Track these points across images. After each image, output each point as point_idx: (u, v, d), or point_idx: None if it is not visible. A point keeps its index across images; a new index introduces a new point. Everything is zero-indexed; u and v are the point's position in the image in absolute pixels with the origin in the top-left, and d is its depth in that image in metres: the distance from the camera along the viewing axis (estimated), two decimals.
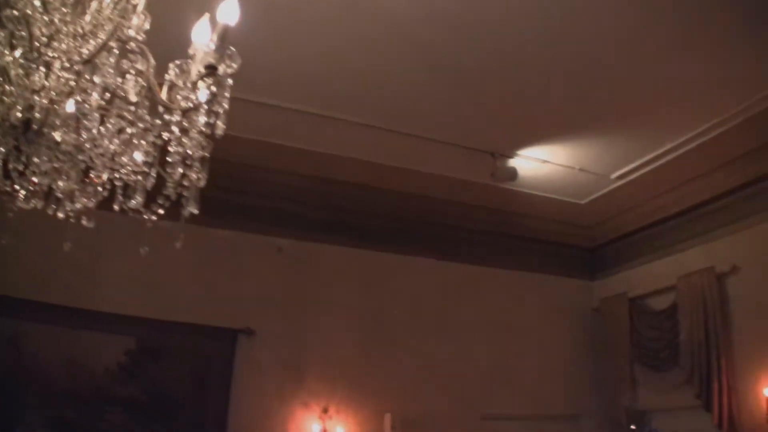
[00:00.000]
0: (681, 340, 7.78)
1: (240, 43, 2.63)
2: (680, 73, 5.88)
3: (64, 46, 2.44)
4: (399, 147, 7.08)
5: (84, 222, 2.91)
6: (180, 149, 2.68)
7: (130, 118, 2.60)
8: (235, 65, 2.59)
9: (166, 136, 2.67)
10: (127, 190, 2.88)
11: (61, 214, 2.81)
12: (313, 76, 5.97)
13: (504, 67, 5.84)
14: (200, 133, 2.69)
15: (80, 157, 2.64)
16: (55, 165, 2.61)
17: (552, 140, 7.05)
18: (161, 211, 2.99)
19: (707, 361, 7.38)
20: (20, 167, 2.57)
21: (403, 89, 6.17)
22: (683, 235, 8.28)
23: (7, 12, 2.37)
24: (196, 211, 2.97)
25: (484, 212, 8.55)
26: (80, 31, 2.50)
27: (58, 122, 2.45)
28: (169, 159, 2.70)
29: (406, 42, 5.51)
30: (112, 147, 2.61)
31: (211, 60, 2.54)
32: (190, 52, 2.63)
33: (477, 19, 5.22)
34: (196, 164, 2.82)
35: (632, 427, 7.22)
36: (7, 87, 2.37)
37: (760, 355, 7.08)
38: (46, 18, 2.42)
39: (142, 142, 2.68)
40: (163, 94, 2.63)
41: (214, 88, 2.59)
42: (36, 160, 2.54)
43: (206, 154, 2.84)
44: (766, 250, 7.23)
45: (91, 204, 2.85)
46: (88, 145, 2.57)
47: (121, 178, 2.82)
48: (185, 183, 2.84)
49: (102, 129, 2.55)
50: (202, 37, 2.59)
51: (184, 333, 7.04)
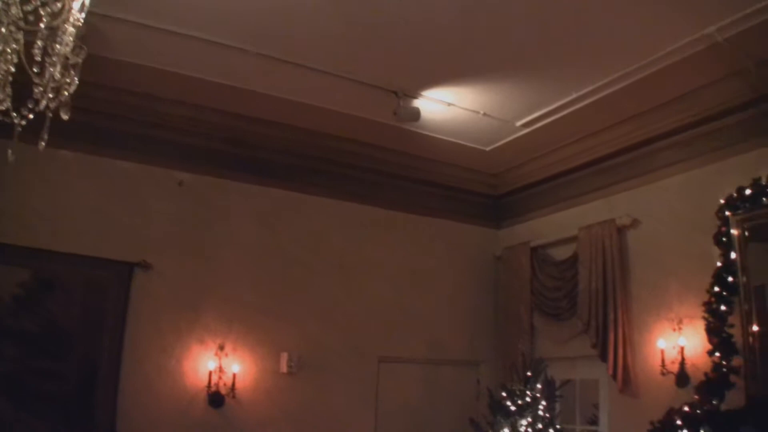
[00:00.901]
0: (579, 290, 7.89)
1: None
2: (587, 24, 5.82)
3: None
4: (303, 82, 6.85)
5: None
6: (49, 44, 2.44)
7: None
8: None
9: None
10: None
11: None
12: (221, 5, 5.69)
13: (411, 6, 5.65)
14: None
15: None
16: None
17: (458, 83, 6.92)
18: (31, 116, 2.70)
19: (604, 312, 7.49)
20: None
21: (310, 24, 5.95)
22: (586, 187, 8.36)
23: None
24: (66, 117, 2.68)
25: (390, 154, 8.45)
26: None
27: None
28: (39, 58, 2.45)
29: None
30: None
31: None
32: None
33: None
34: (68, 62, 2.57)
35: (528, 374, 7.22)
36: None
37: (657, 307, 7.23)
38: None
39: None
40: None
41: None
42: None
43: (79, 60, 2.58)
44: (666, 205, 7.35)
45: None
46: None
47: None
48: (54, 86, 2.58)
49: None
50: None
51: (80, 265, 6.79)
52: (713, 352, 6.27)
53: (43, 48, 2.48)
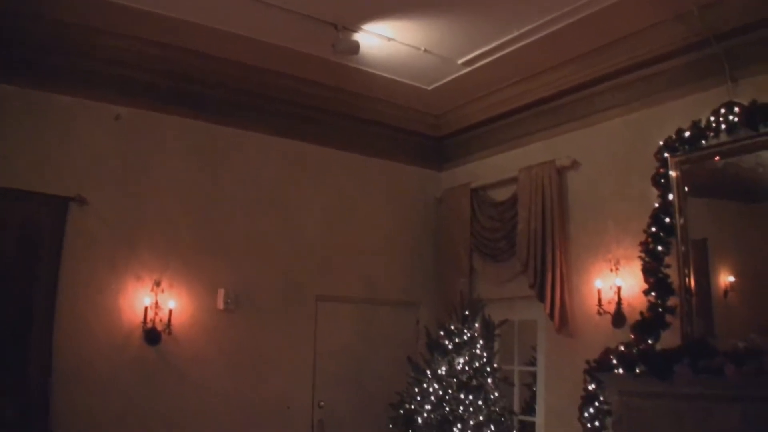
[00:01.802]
0: (518, 231, 7.86)
1: None
2: None
3: None
4: (240, 12, 6.61)
5: None
6: None
7: None
8: None
9: None
10: None
11: None
12: None
13: None
14: None
15: None
16: None
17: (399, 17, 6.73)
18: None
19: (542, 253, 7.50)
20: None
21: None
22: (527, 129, 8.31)
23: None
24: None
25: (329, 91, 8.24)
26: None
27: None
28: None
29: None
30: None
31: None
32: None
33: None
34: None
35: (466, 313, 7.24)
36: None
37: (594, 248, 7.26)
38: None
39: None
40: None
41: None
42: None
43: None
44: (606, 148, 7.34)
45: None
46: None
47: None
48: None
49: None
50: None
51: (13, 199, 6.51)
52: (649, 292, 6.33)
53: None
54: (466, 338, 7.10)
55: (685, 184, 6.29)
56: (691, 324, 6.09)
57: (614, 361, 6.36)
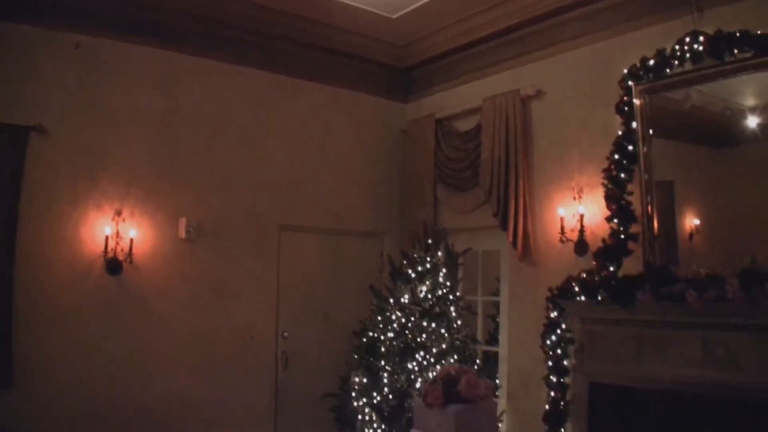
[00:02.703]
0: (482, 160, 7.77)
1: None
2: None
3: None
4: None
5: None
6: None
7: None
8: None
9: None
10: None
11: None
12: None
13: None
14: None
15: None
16: None
17: None
18: None
19: (506, 181, 7.41)
20: None
21: None
22: (493, 59, 8.15)
23: None
24: None
25: (291, 19, 7.97)
26: None
27: None
28: None
29: None
30: None
31: None
32: None
33: None
34: None
35: (429, 242, 7.20)
36: None
37: (558, 176, 7.19)
38: None
39: None
40: None
41: None
42: None
43: None
44: (571, 77, 7.22)
45: None
46: None
47: None
48: None
49: None
50: None
51: None
52: (611, 219, 6.26)
53: None
54: (428, 267, 7.05)
55: (651, 124, 6.19)
56: (653, 251, 6.08)
57: (576, 289, 6.33)
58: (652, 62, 6.14)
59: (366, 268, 8.71)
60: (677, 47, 5.94)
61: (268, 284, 7.97)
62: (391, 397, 6.88)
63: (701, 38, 5.77)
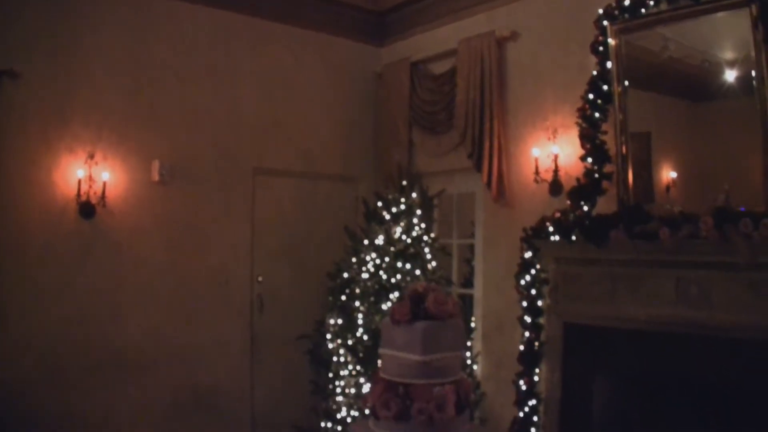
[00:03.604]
0: (457, 102, 7.65)
1: None
2: None
3: None
4: None
5: None
6: None
7: None
8: None
9: None
10: None
11: None
12: None
13: None
14: None
15: None
16: None
17: None
18: None
19: (480, 122, 7.30)
20: None
21: None
22: (468, 1, 7.97)
23: None
24: None
25: None
26: None
27: None
28: None
29: None
30: None
31: None
32: None
33: None
34: None
35: (403, 183, 7.13)
36: None
37: (532, 117, 7.09)
38: None
39: None
40: None
41: None
42: None
43: None
44: (546, 18, 7.09)
45: None
46: None
47: None
48: None
49: None
50: None
51: None
52: (585, 158, 6.21)
53: None
54: (403, 208, 6.98)
55: (627, 73, 6.07)
56: (627, 191, 6.04)
57: (551, 229, 6.28)
58: (627, 2, 6.02)
59: (341, 212, 8.61)
60: None
61: (243, 228, 7.87)
62: (365, 338, 6.85)
63: None
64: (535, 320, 6.66)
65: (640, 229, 5.53)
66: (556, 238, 6.23)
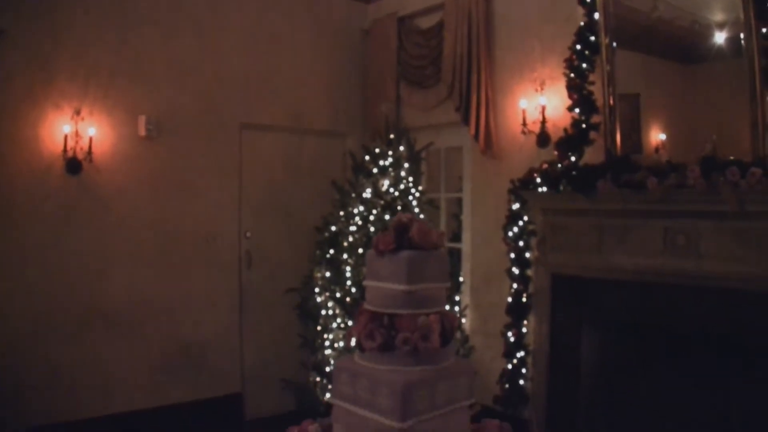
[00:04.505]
0: (444, 55, 7.55)
1: None
2: None
3: None
4: None
5: None
6: None
7: None
8: None
9: None
10: None
11: None
12: None
13: None
14: None
15: None
16: None
17: None
18: None
19: (468, 75, 7.21)
20: None
21: None
22: None
23: None
24: None
25: None
26: None
27: None
28: None
29: None
30: None
31: None
32: None
33: None
34: None
35: (391, 137, 7.10)
36: None
37: (520, 69, 7.01)
38: None
39: None
40: None
41: None
42: None
43: None
44: None
45: None
46: None
47: None
48: None
49: None
50: None
51: None
52: (573, 108, 6.18)
53: None
54: (391, 161, 6.95)
55: (616, 33, 6.01)
56: (614, 142, 6.02)
57: (538, 180, 6.27)
58: None
59: (329, 168, 8.55)
60: None
61: (230, 183, 7.79)
62: (353, 290, 6.84)
63: None
64: (523, 272, 6.67)
65: (627, 179, 5.51)
66: (544, 189, 6.21)
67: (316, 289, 7.20)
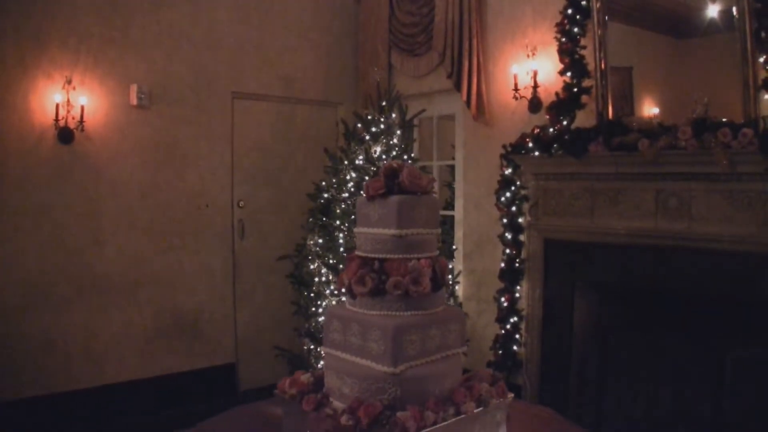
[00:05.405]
0: (435, 22, 7.52)
1: None
2: None
3: None
4: None
5: None
6: None
7: None
8: None
9: None
10: None
11: None
12: None
13: None
14: None
15: None
16: None
17: None
18: None
19: (459, 41, 7.18)
20: None
21: None
22: None
23: None
24: None
25: None
26: None
27: None
28: None
29: None
30: None
31: None
32: None
33: None
34: None
35: (383, 104, 7.08)
36: None
37: (511, 34, 6.98)
38: None
39: None
40: None
41: None
42: None
43: None
44: None
45: None
46: None
47: None
48: None
49: None
50: None
51: None
52: (564, 72, 6.19)
53: None
54: (383, 128, 6.94)
55: (609, 7, 6.00)
56: (606, 106, 6.04)
57: (530, 145, 6.30)
58: None
59: (321, 137, 8.51)
60: None
61: (223, 152, 7.75)
62: (346, 256, 6.85)
63: None
64: (516, 237, 6.68)
65: (619, 141, 5.53)
66: (536, 153, 6.24)
67: (309, 257, 7.20)
